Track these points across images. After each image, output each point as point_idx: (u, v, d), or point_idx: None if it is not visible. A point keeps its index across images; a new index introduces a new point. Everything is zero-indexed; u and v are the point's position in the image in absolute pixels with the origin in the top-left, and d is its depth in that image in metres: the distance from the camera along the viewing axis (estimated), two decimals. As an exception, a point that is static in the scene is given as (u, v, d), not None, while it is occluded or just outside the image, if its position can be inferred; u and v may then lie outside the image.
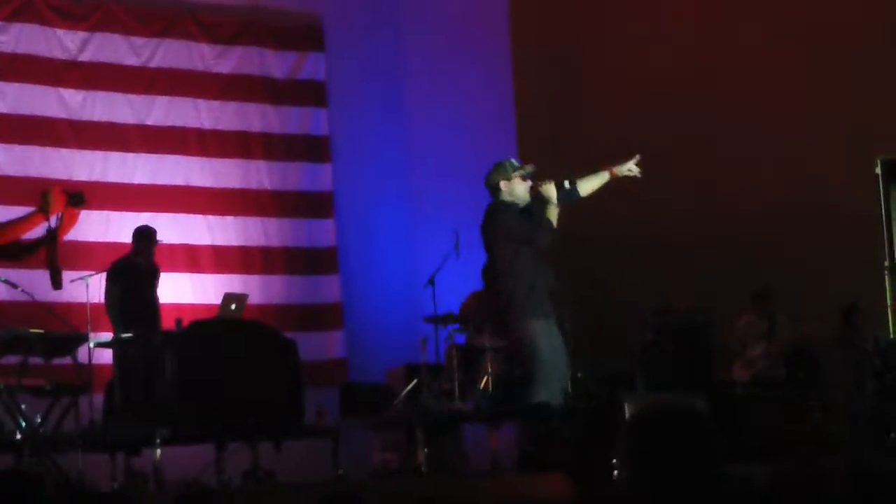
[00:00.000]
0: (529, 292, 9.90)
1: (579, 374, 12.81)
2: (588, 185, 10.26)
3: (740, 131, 14.75)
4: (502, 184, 9.98)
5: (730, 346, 13.75)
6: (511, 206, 10.02)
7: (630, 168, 10.22)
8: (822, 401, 12.58)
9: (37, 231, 9.23)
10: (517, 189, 10.00)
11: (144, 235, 13.07)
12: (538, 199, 10.04)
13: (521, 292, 9.91)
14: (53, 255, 8.85)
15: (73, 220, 8.92)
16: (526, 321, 9.89)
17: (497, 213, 9.99)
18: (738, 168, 14.68)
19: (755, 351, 13.63)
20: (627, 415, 10.52)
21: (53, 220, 9.02)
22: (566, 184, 10.06)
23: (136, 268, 12.86)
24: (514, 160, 10.14)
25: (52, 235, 8.84)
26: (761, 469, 8.06)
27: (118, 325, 12.47)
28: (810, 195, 14.36)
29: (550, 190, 9.93)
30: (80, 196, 8.98)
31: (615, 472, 8.64)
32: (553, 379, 9.93)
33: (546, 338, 9.90)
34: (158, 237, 13.16)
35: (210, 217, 15.12)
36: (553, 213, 9.91)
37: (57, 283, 8.87)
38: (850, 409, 13.02)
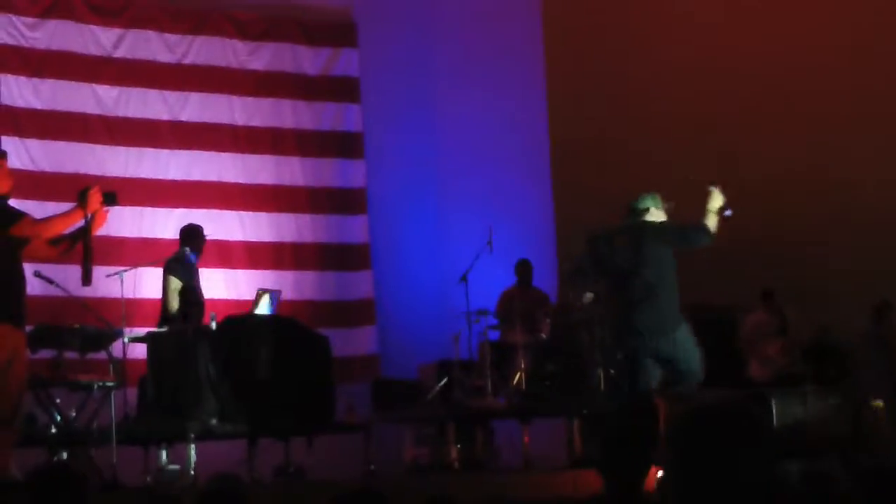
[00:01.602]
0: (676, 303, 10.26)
1: (611, 372, 12.81)
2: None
3: (774, 133, 14.72)
4: (653, 209, 10.39)
5: (737, 346, 13.72)
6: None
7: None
8: (854, 398, 12.54)
9: (73, 227, 9.29)
10: (660, 218, 10.49)
11: (197, 233, 13.01)
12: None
13: (675, 302, 10.17)
14: (89, 251, 8.91)
15: (103, 219, 8.97)
16: (679, 327, 10.14)
17: (661, 225, 10.39)
18: (770, 168, 14.65)
19: (771, 349, 13.57)
20: (662, 413, 10.53)
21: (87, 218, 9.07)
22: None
23: (191, 263, 12.85)
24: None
25: (88, 232, 8.89)
26: (794, 467, 8.06)
27: (175, 317, 12.39)
28: (843, 194, 14.31)
29: (716, 197, 10.25)
30: (113, 195, 9.04)
31: (648, 469, 8.63)
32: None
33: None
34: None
35: (243, 213, 15.15)
36: (713, 220, 10.23)
37: (87, 280, 8.92)
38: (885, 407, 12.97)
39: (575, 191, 14.99)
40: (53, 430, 10.88)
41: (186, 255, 12.80)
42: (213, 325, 11.66)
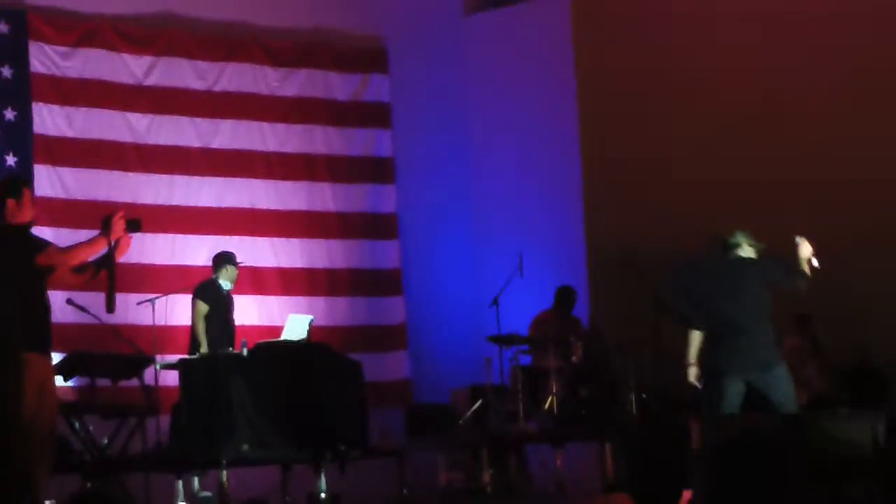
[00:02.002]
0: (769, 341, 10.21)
1: (644, 396, 12.79)
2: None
3: (804, 152, 14.68)
4: (746, 245, 10.27)
5: None
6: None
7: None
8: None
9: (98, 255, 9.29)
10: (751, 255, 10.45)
11: (228, 259, 13.08)
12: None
13: (768, 340, 10.08)
14: (113, 278, 8.91)
15: (127, 246, 8.97)
16: (773, 365, 10.06)
17: (764, 262, 10.21)
18: (799, 189, 14.63)
19: (808, 372, 13.47)
20: (694, 437, 10.50)
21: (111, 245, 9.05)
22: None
23: (221, 290, 12.92)
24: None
25: (111, 259, 8.90)
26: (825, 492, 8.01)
27: (202, 344, 12.49)
28: (870, 213, 14.26)
29: (804, 247, 10.16)
30: (137, 222, 9.03)
31: (679, 493, 8.61)
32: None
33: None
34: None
35: (275, 239, 15.19)
36: (805, 266, 10.16)
37: (111, 307, 8.92)
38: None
39: (607, 216, 14.96)
40: (87, 458, 10.91)
41: (216, 281, 12.88)
42: (245, 352, 11.69)
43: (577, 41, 15.54)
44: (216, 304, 12.73)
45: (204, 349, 12.40)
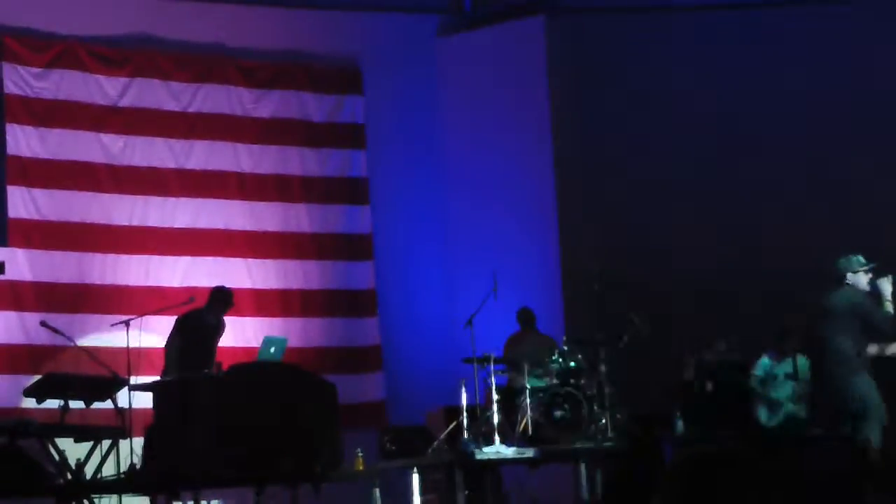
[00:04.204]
0: (859, 356, 11.67)
1: (618, 416, 12.79)
2: None
3: (785, 181, 14.79)
4: (849, 275, 11.74)
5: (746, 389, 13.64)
6: (864, 294, 11.75)
7: None
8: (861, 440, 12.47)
9: None
10: (860, 280, 11.77)
11: (223, 298, 13.08)
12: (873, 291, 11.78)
13: (854, 354, 11.61)
14: None
15: None
16: (858, 376, 11.58)
17: (854, 296, 11.71)
18: (778, 214, 14.72)
19: (781, 393, 13.46)
20: (667, 456, 10.51)
21: None
22: None
23: (205, 323, 12.91)
24: (861, 257, 11.80)
25: None
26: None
27: (173, 372, 12.46)
28: (850, 240, 14.33)
29: (886, 286, 11.65)
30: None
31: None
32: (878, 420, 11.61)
33: (872, 389, 11.64)
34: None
35: (250, 260, 15.15)
36: (891, 307, 11.64)
37: None
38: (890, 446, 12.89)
39: (581, 235, 14.99)
40: (60, 481, 10.86)
41: (202, 314, 12.87)
42: (220, 373, 11.67)
43: (551, 62, 15.60)
44: (194, 335, 12.73)
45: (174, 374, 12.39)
